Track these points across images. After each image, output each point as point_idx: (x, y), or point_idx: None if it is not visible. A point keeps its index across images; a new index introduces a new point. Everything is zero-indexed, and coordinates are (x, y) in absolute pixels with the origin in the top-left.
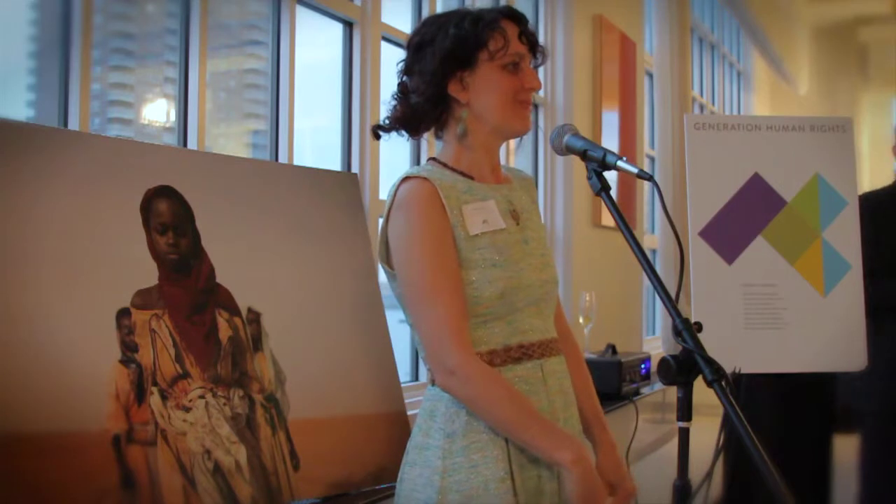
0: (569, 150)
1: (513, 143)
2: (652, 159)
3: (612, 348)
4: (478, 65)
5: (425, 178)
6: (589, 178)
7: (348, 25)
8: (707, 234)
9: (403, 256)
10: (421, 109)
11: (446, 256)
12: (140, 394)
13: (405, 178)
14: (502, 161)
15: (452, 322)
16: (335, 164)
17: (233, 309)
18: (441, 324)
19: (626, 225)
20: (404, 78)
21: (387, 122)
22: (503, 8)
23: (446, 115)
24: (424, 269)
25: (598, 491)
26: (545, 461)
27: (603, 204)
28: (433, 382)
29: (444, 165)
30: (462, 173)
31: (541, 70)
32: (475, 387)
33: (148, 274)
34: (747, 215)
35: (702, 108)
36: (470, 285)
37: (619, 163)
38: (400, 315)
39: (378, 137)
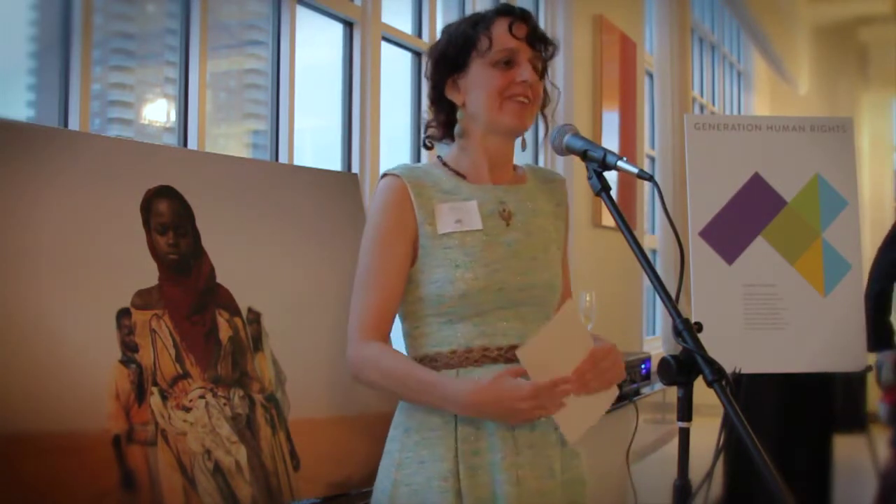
0: (569, 151)
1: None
2: (652, 159)
3: None
4: (469, 66)
5: (397, 176)
6: (589, 179)
7: (348, 25)
8: (707, 234)
9: (360, 250)
10: (431, 114)
11: (391, 254)
12: (140, 394)
13: (383, 175)
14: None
15: (365, 318)
16: (335, 164)
17: (233, 309)
18: (354, 319)
19: (626, 225)
20: None
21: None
22: (498, 6)
23: (451, 117)
24: (364, 263)
25: (504, 398)
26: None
27: (603, 204)
28: None
29: (444, 164)
30: (456, 172)
31: None
32: (367, 373)
33: (148, 274)
34: (747, 215)
35: (702, 108)
36: (433, 284)
37: (620, 163)
38: None
39: (429, 147)
